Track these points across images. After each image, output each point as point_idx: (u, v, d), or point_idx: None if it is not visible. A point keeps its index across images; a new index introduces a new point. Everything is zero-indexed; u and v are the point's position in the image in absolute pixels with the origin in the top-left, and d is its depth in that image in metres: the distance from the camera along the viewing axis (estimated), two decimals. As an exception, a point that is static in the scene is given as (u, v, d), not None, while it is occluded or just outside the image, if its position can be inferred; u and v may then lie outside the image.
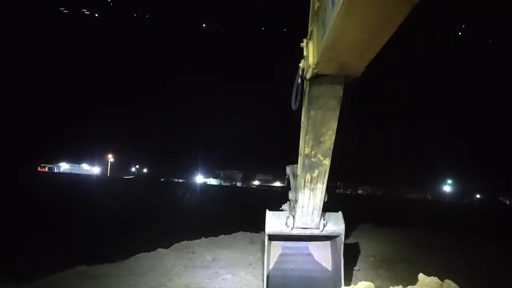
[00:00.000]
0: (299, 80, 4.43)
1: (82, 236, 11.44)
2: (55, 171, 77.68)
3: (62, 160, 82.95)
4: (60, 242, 10.19)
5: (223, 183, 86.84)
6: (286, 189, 5.74)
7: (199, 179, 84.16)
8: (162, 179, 76.01)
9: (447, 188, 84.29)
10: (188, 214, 19.07)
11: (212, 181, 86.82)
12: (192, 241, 9.16)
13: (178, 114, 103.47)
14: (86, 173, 77.48)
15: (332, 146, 4.62)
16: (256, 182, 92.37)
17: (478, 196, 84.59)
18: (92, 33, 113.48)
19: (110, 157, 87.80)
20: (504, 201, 76.85)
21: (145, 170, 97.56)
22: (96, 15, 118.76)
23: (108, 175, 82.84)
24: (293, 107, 4.65)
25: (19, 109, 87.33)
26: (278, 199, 6.10)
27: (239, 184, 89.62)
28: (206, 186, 66.96)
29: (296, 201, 5.27)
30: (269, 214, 5.65)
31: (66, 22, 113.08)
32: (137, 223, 14.48)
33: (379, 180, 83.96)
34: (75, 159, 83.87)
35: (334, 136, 4.54)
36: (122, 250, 8.40)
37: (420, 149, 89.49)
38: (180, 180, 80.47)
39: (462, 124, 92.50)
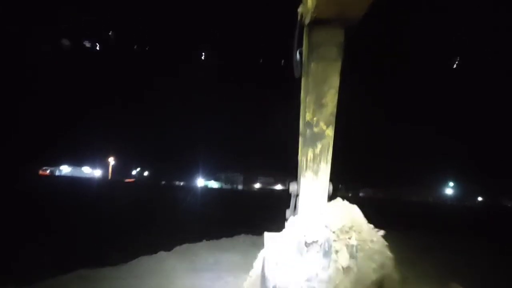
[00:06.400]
0: (298, 29, 4.21)
1: (83, 239, 11.43)
2: (57, 174, 77.72)
3: (63, 163, 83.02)
4: (61, 245, 10.18)
5: (224, 186, 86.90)
6: (288, 191, 5.37)
7: (200, 182, 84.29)
8: (163, 182, 76.10)
9: (449, 190, 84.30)
10: (189, 217, 19.06)
11: (213, 184, 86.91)
12: (194, 244, 9.15)
13: (180, 117, 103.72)
14: (87, 176, 77.57)
15: (335, 111, 4.31)
16: (257, 185, 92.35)
17: (480, 198, 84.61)
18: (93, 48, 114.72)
19: (112, 160, 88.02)
20: (505, 203, 76.85)
21: (146, 173, 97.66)
22: (97, 47, 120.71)
23: (110, 178, 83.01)
24: (295, 75, 4.43)
25: (20, 113, 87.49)
26: (280, 201, 6.02)
27: (240, 187, 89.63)
28: (207, 189, 66.99)
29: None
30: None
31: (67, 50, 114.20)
32: (138, 226, 14.45)
33: (381, 182, 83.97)
34: (76, 162, 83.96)
35: (336, 97, 4.25)
36: (124, 253, 8.39)
37: (422, 152, 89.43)
38: (181, 183, 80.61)
39: (465, 126, 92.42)
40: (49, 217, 15.05)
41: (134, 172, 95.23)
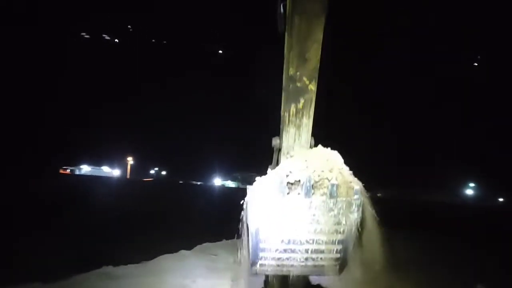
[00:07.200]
0: None
1: (104, 237, 11.58)
2: (77, 173, 79.07)
3: (83, 162, 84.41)
4: (83, 243, 10.35)
5: (240, 186, 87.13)
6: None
7: (217, 181, 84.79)
8: (180, 182, 76.66)
9: (469, 191, 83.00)
10: (208, 216, 19.14)
11: (230, 184, 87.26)
12: (214, 243, 9.25)
13: (198, 117, 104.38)
14: (106, 175, 78.71)
15: (318, 66, 4.24)
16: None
17: (501, 199, 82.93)
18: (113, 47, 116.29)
19: (130, 160, 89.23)
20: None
21: (163, 173, 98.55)
22: (116, 40, 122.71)
23: (128, 177, 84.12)
24: (279, 29, 4.35)
25: (44, 114, 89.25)
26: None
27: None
28: (224, 188, 67.26)
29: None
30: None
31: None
32: (157, 225, 14.59)
33: (399, 183, 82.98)
34: (96, 161, 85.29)
35: (320, 52, 4.17)
36: (145, 251, 8.51)
37: (442, 152, 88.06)
38: (199, 183, 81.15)
39: (485, 125, 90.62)
40: (69, 215, 15.29)
41: (152, 172, 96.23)
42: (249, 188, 4.25)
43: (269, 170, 4.76)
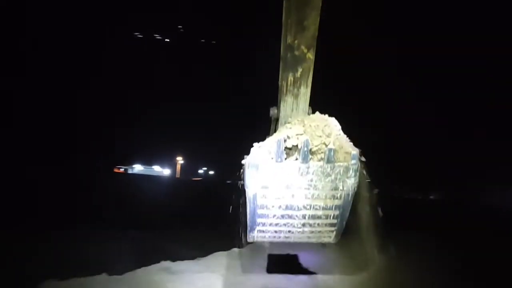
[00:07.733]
0: None
1: (157, 234, 11.90)
2: (129, 172, 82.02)
3: (135, 161, 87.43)
4: (139, 239, 10.72)
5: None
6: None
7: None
8: (228, 181, 77.73)
9: (529, 194, 78.08)
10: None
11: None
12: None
13: (248, 116, 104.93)
14: (157, 174, 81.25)
15: (316, 34, 4.21)
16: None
17: None
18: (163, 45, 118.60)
19: (180, 159, 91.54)
20: None
21: (211, 172, 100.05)
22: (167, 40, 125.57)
23: (178, 176, 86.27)
24: None
25: (100, 115, 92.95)
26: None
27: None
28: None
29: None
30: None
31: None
32: (207, 223, 14.80)
33: (453, 183, 79.28)
34: (148, 161, 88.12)
35: (318, 19, 4.15)
36: (198, 248, 8.75)
37: (502, 150, 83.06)
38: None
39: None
40: (125, 212, 15.82)
41: (200, 171, 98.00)
42: (247, 156, 4.30)
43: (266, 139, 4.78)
